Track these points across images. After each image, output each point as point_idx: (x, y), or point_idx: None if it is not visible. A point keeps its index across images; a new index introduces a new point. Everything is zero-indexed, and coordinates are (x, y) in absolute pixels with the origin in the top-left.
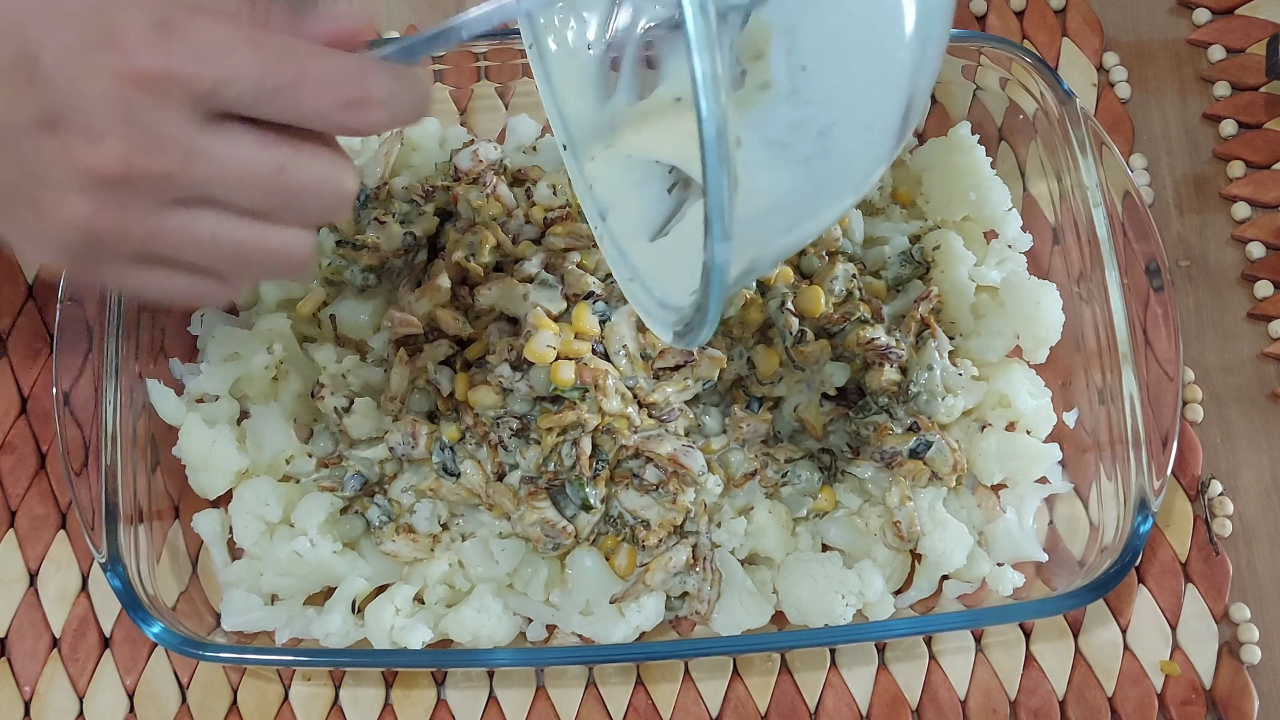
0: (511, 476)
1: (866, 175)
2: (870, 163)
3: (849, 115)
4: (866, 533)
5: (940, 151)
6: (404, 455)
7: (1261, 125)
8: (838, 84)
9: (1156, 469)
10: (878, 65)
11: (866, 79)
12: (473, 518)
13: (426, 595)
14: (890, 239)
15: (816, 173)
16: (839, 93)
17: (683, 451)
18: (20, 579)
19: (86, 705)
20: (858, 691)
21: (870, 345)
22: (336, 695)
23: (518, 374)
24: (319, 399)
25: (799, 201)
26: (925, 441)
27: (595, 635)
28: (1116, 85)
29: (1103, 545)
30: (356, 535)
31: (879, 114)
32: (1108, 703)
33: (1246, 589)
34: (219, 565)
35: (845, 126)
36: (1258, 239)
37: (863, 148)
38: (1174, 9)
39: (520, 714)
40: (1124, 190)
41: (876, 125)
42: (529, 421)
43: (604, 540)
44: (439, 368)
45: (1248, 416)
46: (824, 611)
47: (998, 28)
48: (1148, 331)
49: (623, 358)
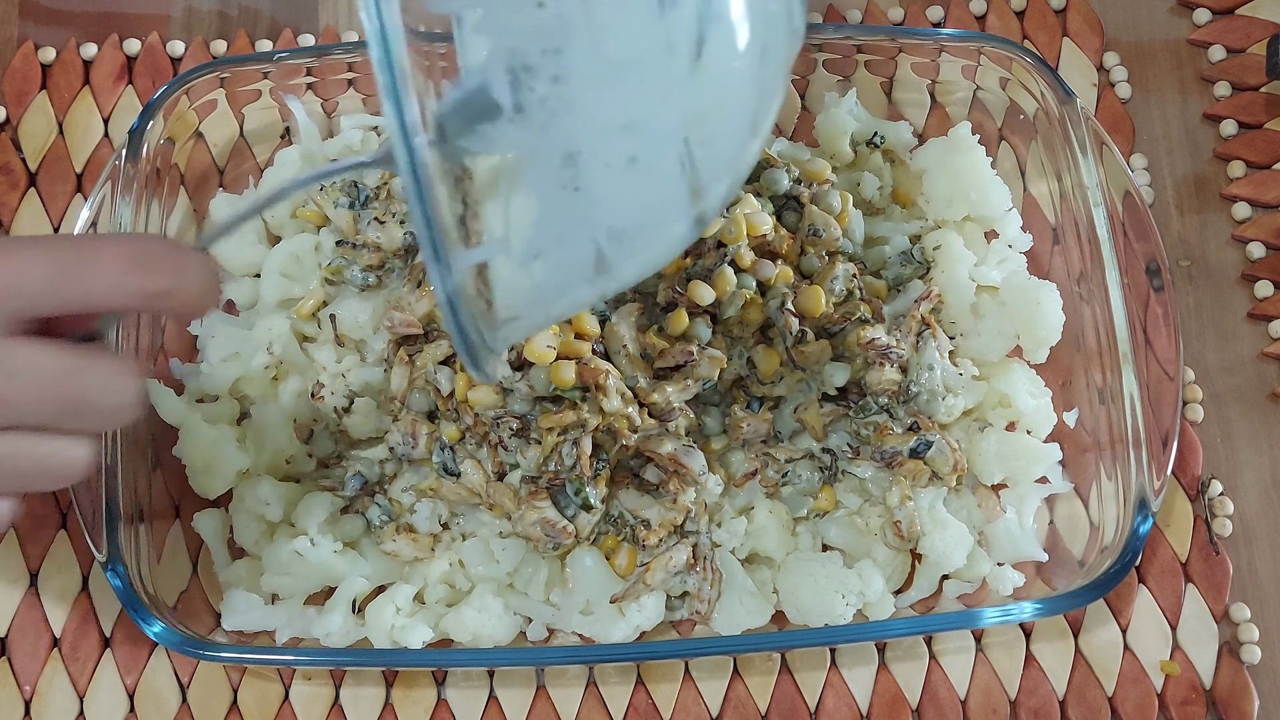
0: (512, 476)
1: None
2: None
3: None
4: (867, 532)
5: (940, 151)
6: (404, 455)
7: (1262, 125)
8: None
9: (1156, 469)
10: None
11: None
12: (473, 517)
13: (427, 595)
14: (890, 239)
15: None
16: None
17: (683, 451)
18: (20, 579)
19: (86, 705)
20: (858, 691)
21: (870, 345)
22: (337, 695)
23: (518, 374)
24: (319, 399)
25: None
26: (925, 441)
27: (595, 635)
28: (1117, 85)
29: (1103, 545)
30: (357, 535)
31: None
32: (1108, 703)
33: (1246, 589)
34: (219, 565)
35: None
36: (1258, 239)
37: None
38: (1174, 9)
39: (520, 714)
40: (1124, 190)
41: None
42: (529, 421)
43: (604, 540)
44: (439, 368)
45: (1248, 416)
46: (824, 611)
47: (998, 28)
48: (1148, 331)
49: (623, 357)
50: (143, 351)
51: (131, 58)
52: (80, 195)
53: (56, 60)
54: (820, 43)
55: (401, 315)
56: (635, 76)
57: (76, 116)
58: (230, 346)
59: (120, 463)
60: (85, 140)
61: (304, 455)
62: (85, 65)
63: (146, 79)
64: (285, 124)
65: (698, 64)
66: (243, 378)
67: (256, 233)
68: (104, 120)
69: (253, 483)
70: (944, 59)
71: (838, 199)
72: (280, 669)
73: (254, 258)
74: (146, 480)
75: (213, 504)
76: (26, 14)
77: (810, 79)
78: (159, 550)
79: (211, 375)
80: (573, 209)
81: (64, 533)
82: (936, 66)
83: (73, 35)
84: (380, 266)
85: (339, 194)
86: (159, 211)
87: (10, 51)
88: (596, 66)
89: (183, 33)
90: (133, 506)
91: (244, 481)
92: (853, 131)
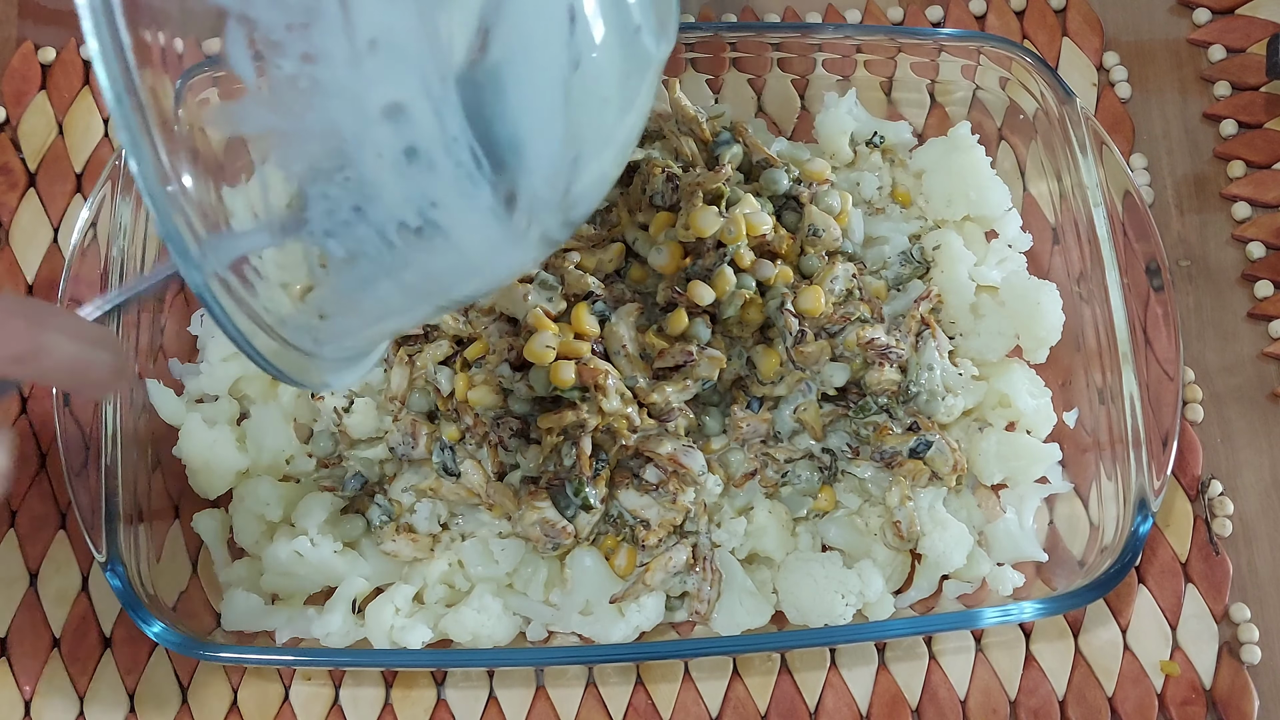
0: (512, 476)
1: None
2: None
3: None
4: (866, 533)
5: (940, 151)
6: (404, 455)
7: (1262, 125)
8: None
9: (1156, 469)
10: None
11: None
12: (473, 518)
13: (426, 595)
14: (890, 239)
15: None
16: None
17: (683, 451)
18: (20, 579)
19: (86, 705)
20: (858, 691)
21: (870, 345)
22: (336, 695)
23: (518, 374)
24: (319, 399)
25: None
26: (925, 441)
27: (595, 635)
28: (1117, 85)
29: (1103, 545)
30: (356, 535)
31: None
32: (1108, 703)
33: (1246, 589)
34: (219, 565)
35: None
36: (1258, 239)
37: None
38: (1174, 9)
39: (520, 714)
40: (1124, 190)
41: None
42: (529, 421)
43: (604, 540)
44: (439, 368)
45: (1248, 416)
46: (824, 611)
47: (998, 28)
48: (1148, 331)
49: (622, 357)
50: (142, 351)
51: None
52: (80, 195)
53: (56, 60)
54: (820, 42)
55: None
56: (393, 58)
57: (76, 116)
58: (230, 346)
59: (120, 463)
60: (85, 140)
61: (304, 455)
62: (85, 65)
63: None
64: None
65: (481, 53)
66: (243, 378)
67: None
68: (104, 120)
69: (253, 483)
70: (944, 59)
71: (837, 199)
72: (280, 669)
73: None
74: (146, 480)
75: (213, 504)
76: (26, 14)
77: (810, 79)
78: (159, 550)
79: (211, 375)
80: (346, 200)
81: (63, 533)
82: (936, 66)
83: (73, 35)
84: None
85: None
86: None
87: (10, 51)
88: (347, 45)
89: None
90: (132, 506)
91: (244, 481)
92: (852, 131)
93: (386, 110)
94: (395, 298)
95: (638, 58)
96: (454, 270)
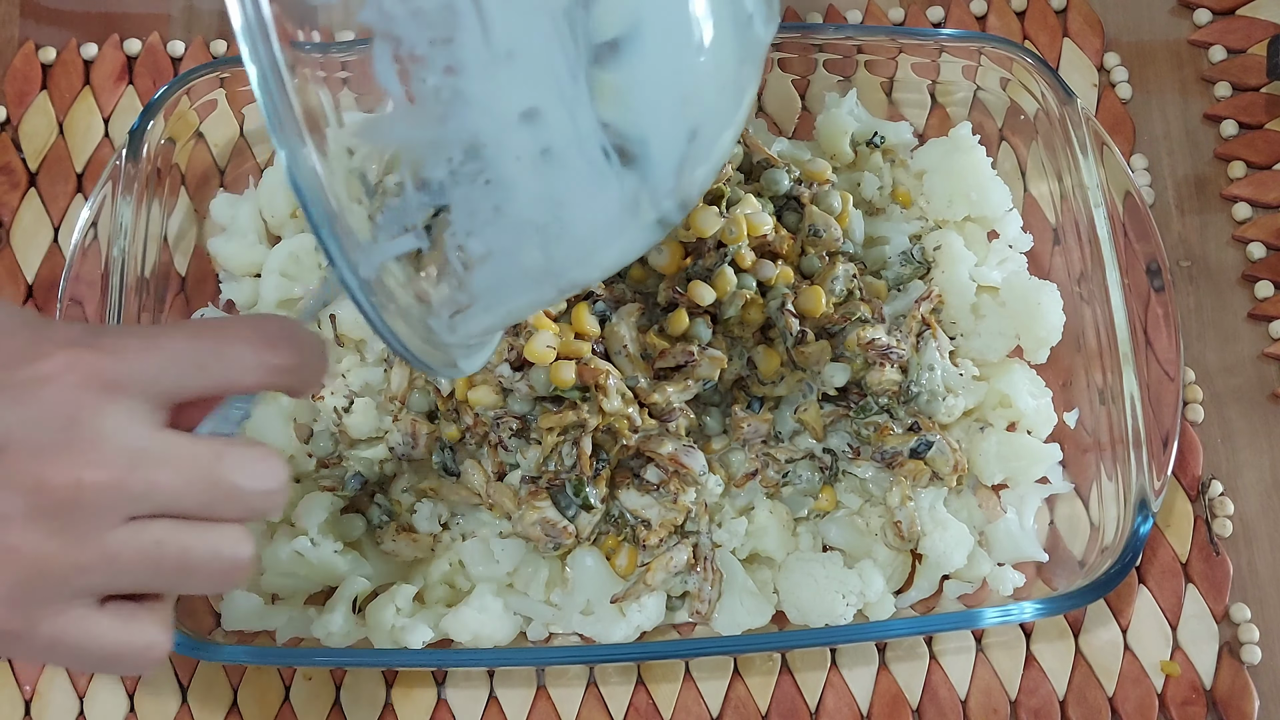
0: (512, 476)
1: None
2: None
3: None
4: (867, 533)
5: (941, 152)
6: (404, 455)
7: (1262, 126)
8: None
9: (1157, 469)
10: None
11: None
12: (473, 518)
13: (427, 595)
14: (891, 239)
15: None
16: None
17: (683, 451)
18: None
19: (86, 705)
20: (858, 691)
21: (870, 345)
22: (337, 695)
23: (518, 374)
24: (319, 399)
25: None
26: (926, 441)
27: (596, 635)
28: (1117, 86)
29: (1103, 545)
30: (357, 535)
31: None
32: (1108, 703)
33: (1247, 589)
34: None
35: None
36: (1258, 239)
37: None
38: (1175, 9)
39: (521, 714)
40: (1125, 190)
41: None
42: (529, 421)
43: (605, 540)
44: None
45: (1248, 417)
46: (824, 611)
47: (998, 28)
48: (1148, 332)
49: (623, 357)
50: None
51: (132, 58)
52: (81, 195)
53: (57, 60)
54: (820, 43)
55: None
56: (529, 66)
57: (77, 116)
58: None
59: None
60: (86, 140)
61: (304, 455)
62: (86, 65)
63: (147, 79)
64: None
65: (611, 56)
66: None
67: (256, 233)
68: (104, 120)
69: None
70: (944, 59)
71: (838, 199)
72: (280, 669)
73: (254, 258)
74: None
75: None
76: (27, 14)
77: (810, 79)
78: None
79: None
80: (486, 201)
81: None
82: (937, 67)
83: (73, 35)
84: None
85: None
86: (160, 212)
87: (11, 51)
88: (487, 56)
89: (183, 33)
90: None
91: None
92: (853, 131)
93: (524, 115)
94: (521, 284)
95: (751, 44)
96: (578, 256)
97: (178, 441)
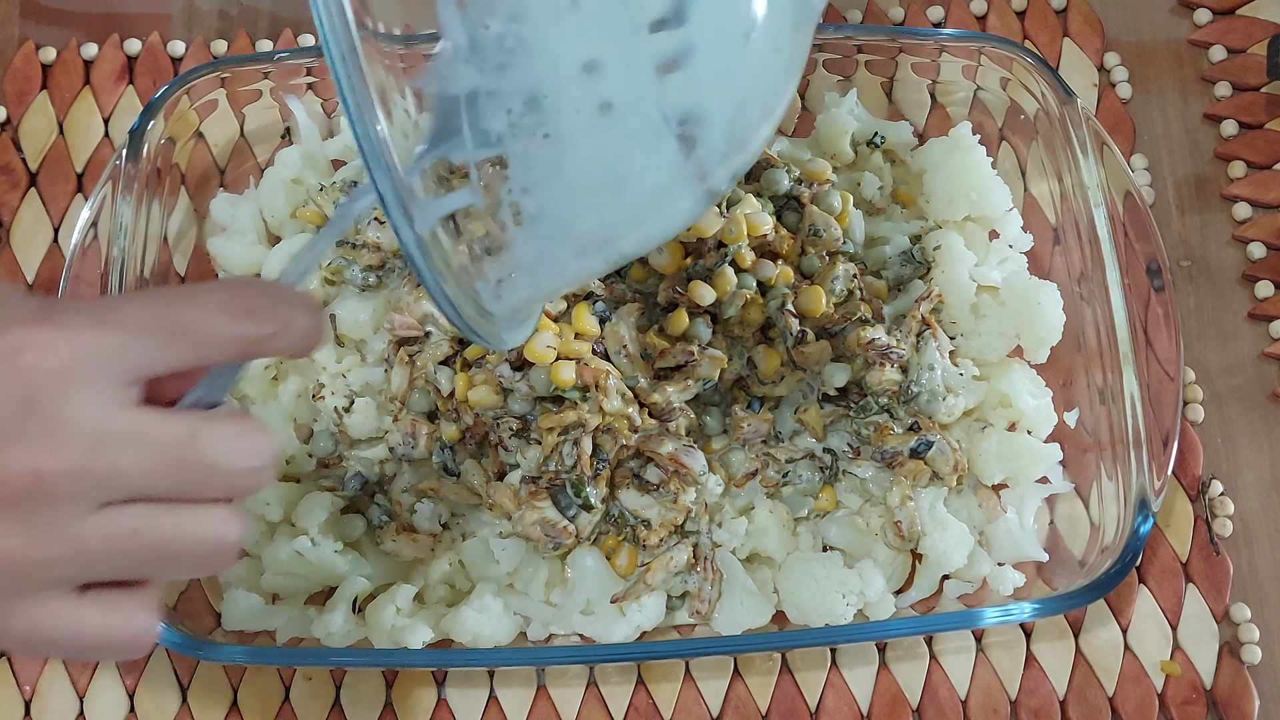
0: (512, 476)
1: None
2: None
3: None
4: (867, 532)
5: (941, 151)
6: (404, 455)
7: (1262, 125)
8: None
9: (1157, 469)
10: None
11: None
12: (473, 518)
13: (427, 595)
14: (891, 239)
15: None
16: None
17: (684, 451)
18: None
19: (86, 705)
20: (858, 691)
21: (871, 345)
22: (337, 695)
23: (518, 374)
24: (319, 399)
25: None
26: (926, 441)
27: (596, 635)
28: (1117, 85)
29: (1103, 545)
30: (357, 535)
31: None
32: (1108, 703)
33: (1247, 589)
34: None
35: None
36: (1258, 239)
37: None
38: (1175, 9)
39: (521, 714)
40: (1125, 190)
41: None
42: (529, 421)
43: (605, 540)
44: (439, 368)
45: (1248, 416)
46: (825, 611)
47: (998, 28)
48: (1148, 331)
49: (623, 357)
50: None
51: (132, 58)
52: (81, 195)
53: (57, 60)
54: (820, 43)
55: (401, 317)
56: (595, 15)
57: (77, 116)
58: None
59: None
60: (86, 140)
61: (304, 455)
62: (86, 65)
63: (147, 79)
64: (286, 124)
65: (672, 10)
66: (243, 378)
67: (256, 232)
68: (104, 120)
69: None
70: (944, 59)
71: (838, 199)
72: (280, 669)
73: (254, 258)
74: None
75: None
76: (27, 14)
77: (810, 79)
78: None
79: None
80: (543, 156)
81: None
82: (937, 66)
83: (73, 35)
84: (380, 266)
85: (339, 194)
86: (160, 212)
87: (11, 51)
88: (552, 3)
89: (183, 32)
90: None
91: None
92: (853, 131)
93: (585, 66)
94: (570, 250)
95: (806, 9)
96: (628, 222)
97: (147, 420)
